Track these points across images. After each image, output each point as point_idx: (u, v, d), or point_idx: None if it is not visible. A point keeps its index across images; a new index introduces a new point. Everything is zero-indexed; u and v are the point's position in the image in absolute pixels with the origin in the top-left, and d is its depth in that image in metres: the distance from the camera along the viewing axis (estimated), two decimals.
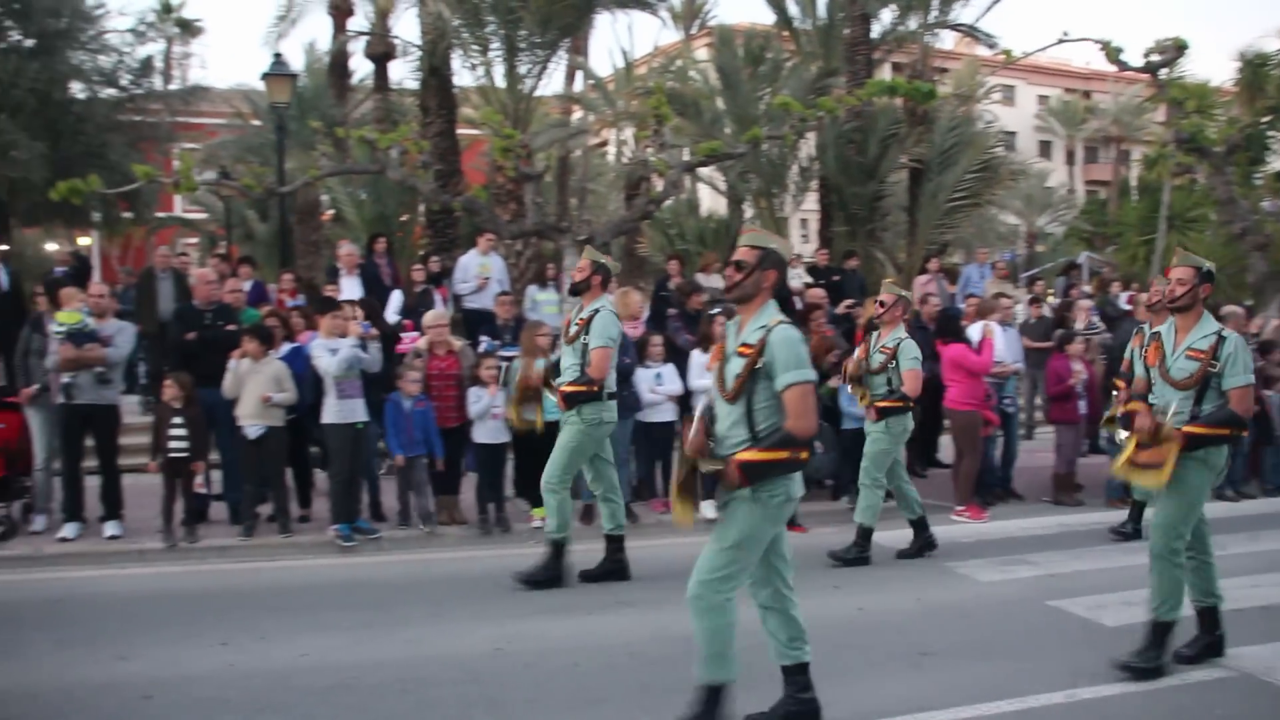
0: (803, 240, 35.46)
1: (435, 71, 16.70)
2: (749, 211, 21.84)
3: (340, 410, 8.12)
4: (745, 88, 20.69)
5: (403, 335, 10.43)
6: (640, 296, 10.40)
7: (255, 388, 8.24)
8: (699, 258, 14.95)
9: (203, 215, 30.40)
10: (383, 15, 20.64)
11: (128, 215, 23.07)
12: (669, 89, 16.78)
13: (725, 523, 4.48)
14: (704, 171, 18.33)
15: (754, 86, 20.92)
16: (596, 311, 7.22)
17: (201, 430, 8.36)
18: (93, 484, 8.65)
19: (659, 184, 10.59)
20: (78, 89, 19.59)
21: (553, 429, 7.59)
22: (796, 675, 4.66)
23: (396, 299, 11.56)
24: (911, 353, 8.11)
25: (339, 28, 21.55)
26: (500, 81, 16.23)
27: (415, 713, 4.98)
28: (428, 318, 9.34)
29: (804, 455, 4.41)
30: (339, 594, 7.21)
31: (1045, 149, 57.40)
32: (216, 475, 9.18)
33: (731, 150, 12.31)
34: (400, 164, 9.70)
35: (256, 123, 25.86)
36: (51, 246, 27.76)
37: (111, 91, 20.08)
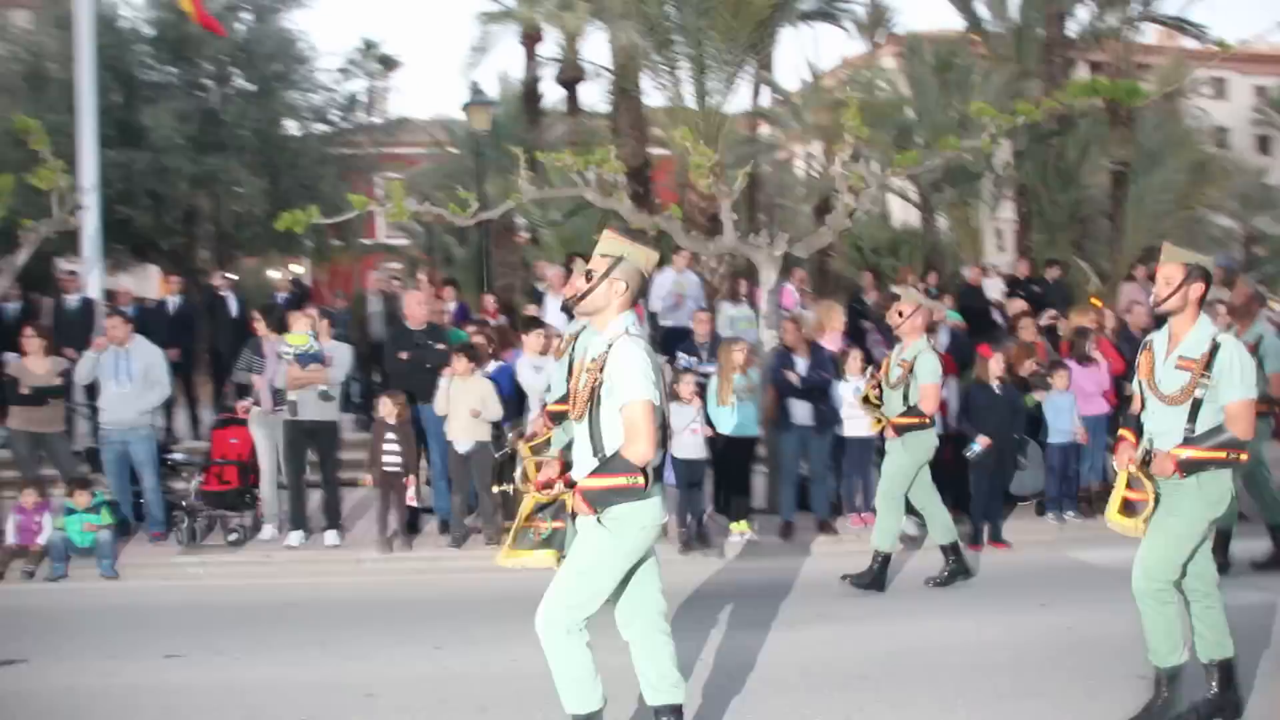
0: (999, 250, 34.45)
1: (625, 93, 17.03)
2: (943, 222, 21.39)
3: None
4: (935, 95, 20.32)
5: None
6: (841, 311, 10.34)
7: (464, 404, 8.58)
8: (894, 270, 14.76)
9: (405, 241, 31.72)
10: (572, 41, 21.16)
11: (337, 243, 24.34)
12: (858, 100, 16.63)
13: (576, 547, 4.12)
14: (895, 183, 18.07)
15: (944, 94, 20.52)
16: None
17: (413, 445, 8.76)
18: (315, 496, 9.19)
19: (850, 198, 10.47)
20: (292, 126, 20.80)
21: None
22: (665, 717, 4.30)
23: None
24: (929, 366, 7.54)
25: (530, 55, 22.22)
26: (689, 100, 16.42)
27: None
28: None
29: (640, 481, 3.91)
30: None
31: (1264, 144, 53.90)
32: (427, 489, 9.62)
33: (923, 162, 12.10)
34: (596, 186, 9.93)
35: (454, 150, 26.90)
36: (273, 274, 29.56)
37: (322, 127, 21.22)
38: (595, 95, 35.11)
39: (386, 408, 8.71)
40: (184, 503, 9.09)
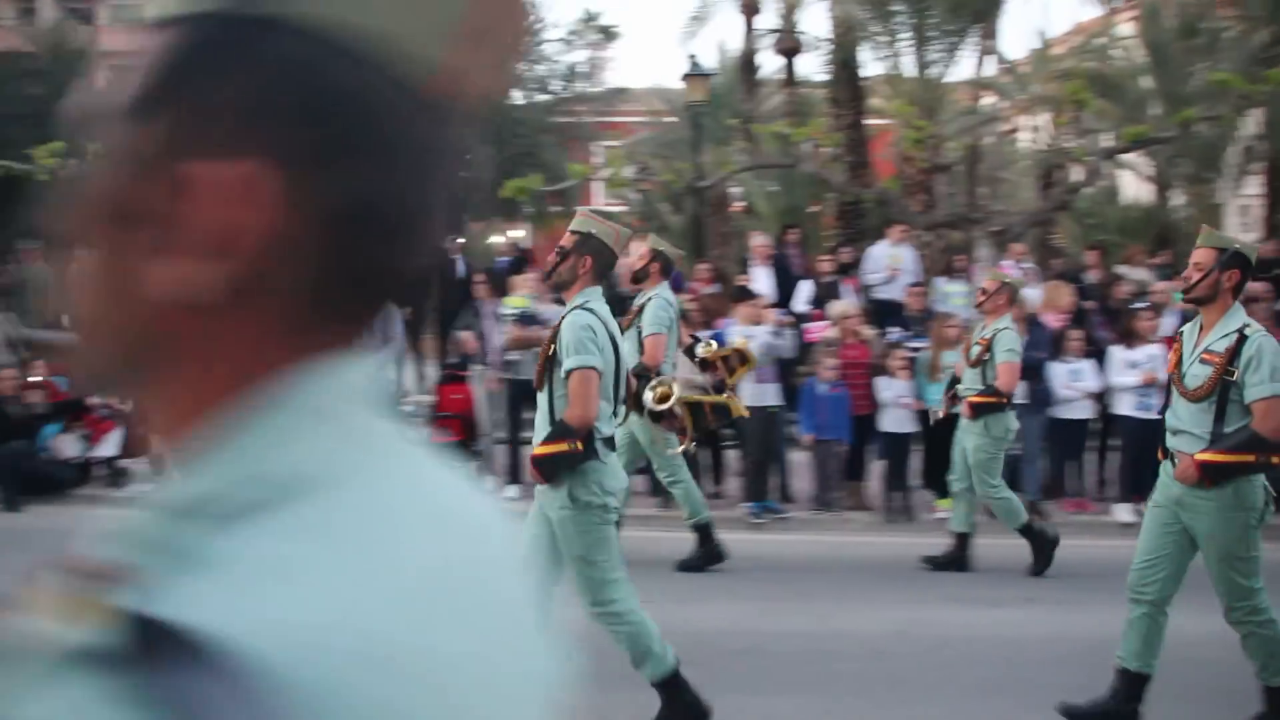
0: (1243, 229, 32.31)
1: (844, 65, 16.86)
2: (1179, 199, 20.24)
3: (755, 394, 8.49)
4: (1176, 63, 19.16)
5: (811, 325, 10.71)
6: (1069, 290, 10.03)
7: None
8: (1120, 249, 14.14)
9: (621, 208, 32.37)
10: (791, 11, 21.04)
11: (555, 209, 25.10)
12: (1089, 69, 15.93)
13: (561, 537, 4.27)
14: (1127, 157, 17.23)
15: (1186, 62, 19.31)
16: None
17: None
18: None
19: (1077, 172, 10.13)
20: (517, 96, 21.53)
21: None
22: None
23: (806, 289, 11.86)
24: (1007, 344, 7.09)
25: (748, 26, 22.21)
26: (909, 71, 16.15)
27: (820, 682, 5.22)
28: (837, 310, 9.55)
29: (578, 446, 4.02)
30: (748, 567, 7.59)
31: None
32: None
33: (1160, 134, 11.52)
34: (812, 157, 9.96)
35: (670, 119, 27.19)
36: (495, 239, 30.74)
37: (544, 97, 21.89)
38: (813, 66, 34.79)
39: None
40: None
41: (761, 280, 11.42)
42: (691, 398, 6.57)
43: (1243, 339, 4.28)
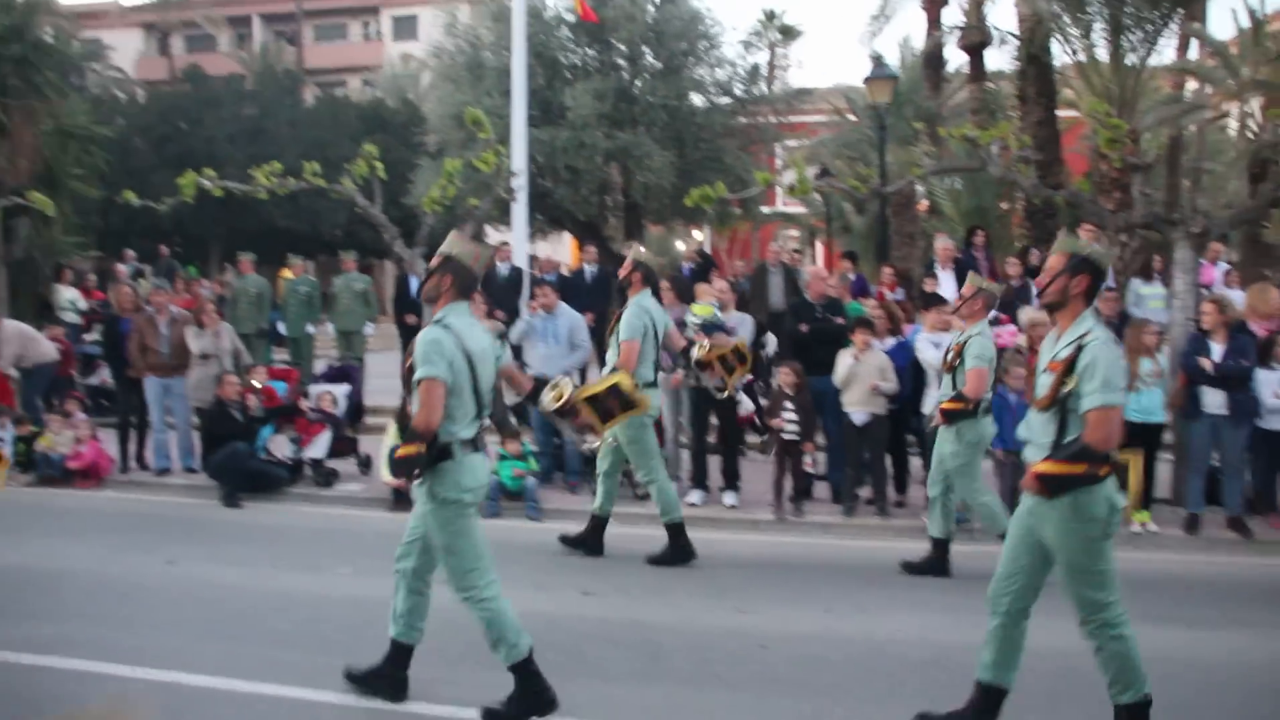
0: None
1: (1033, 59, 16.39)
2: None
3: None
4: None
5: (998, 330, 10.50)
6: (1277, 293, 9.54)
7: (863, 377, 8.81)
8: None
9: (802, 210, 32.17)
10: (977, 6, 20.55)
11: (737, 211, 25.18)
12: None
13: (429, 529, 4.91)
14: None
15: None
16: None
17: (810, 415, 9.11)
18: (714, 458, 9.78)
19: None
20: (698, 100, 21.70)
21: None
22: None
23: None
24: (976, 350, 7.17)
25: (932, 21, 21.80)
26: (1103, 61, 15.54)
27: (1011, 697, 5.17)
28: (1027, 317, 9.34)
29: (423, 449, 4.55)
30: (932, 577, 7.54)
31: None
32: (821, 457, 9.95)
33: None
34: (1000, 159, 9.75)
35: (852, 118, 26.90)
36: (679, 244, 31.10)
37: (725, 100, 21.97)
38: (1001, 60, 33.79)
39: (786, 377, 9.11)
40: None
41: (947, 284, 11.25)
42: (588, 391, 6.72)
43: (1080, 348, 4.22)
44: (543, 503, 9.44)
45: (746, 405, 10.47)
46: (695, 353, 8.08)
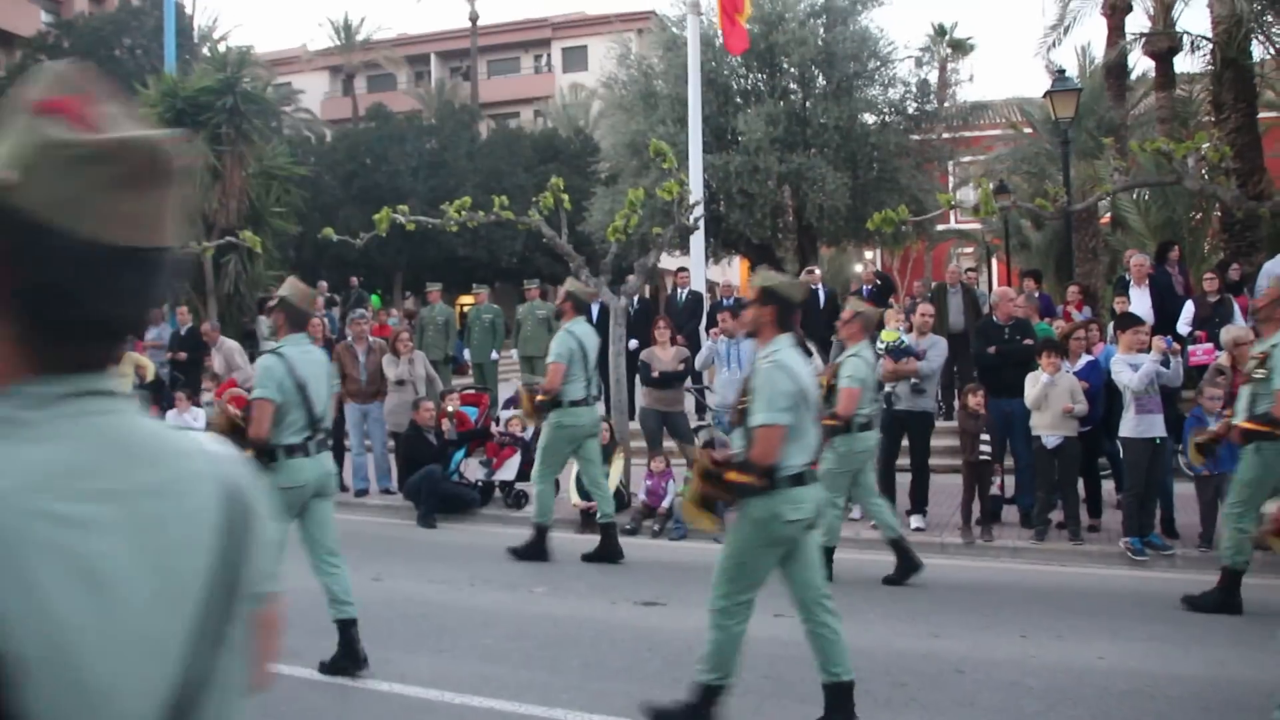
0: None
1: (1230, 62, 15.69)
2: None
3: (1139, 425, 8.14)
4: None
5: (1195, 348, 10.12)
6: None
7: (1054, 399, 8.64)
8: None
9: (977, 226, 31.52)
10: (1165, 10, 19.81)
11: (910, 231, 24.87)
12: None
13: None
14: None
15: None
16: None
17: (998, 437, 8.97)
18: (902, 480, 9.72)
19: None
20: (870, 120, 21.57)
21: None
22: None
23: (1188, 310, 11.19)
24: (848, 370, 7.71)
25: (1114, 28, 21.07)
26: None
27: None
28: (1230, 335, 8.98)
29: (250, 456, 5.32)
30: (1130, 604, 7.33)
31: None
32: (1009, 479, 9.77)
33: None
34: (1195, 172, 9.42)
35: (1029, 131, 26.24)
36: (856, 267, 30.87)
37: (898, 119, 21.77)
38: (1190, 64, 32.42)
39: (975, 399, 9.00)
40: None
41: (1140, 302, 10.90)
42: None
43: (754, 370, 4.73)
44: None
45: None
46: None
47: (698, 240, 14.28)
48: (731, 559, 4.92)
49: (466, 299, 29.00)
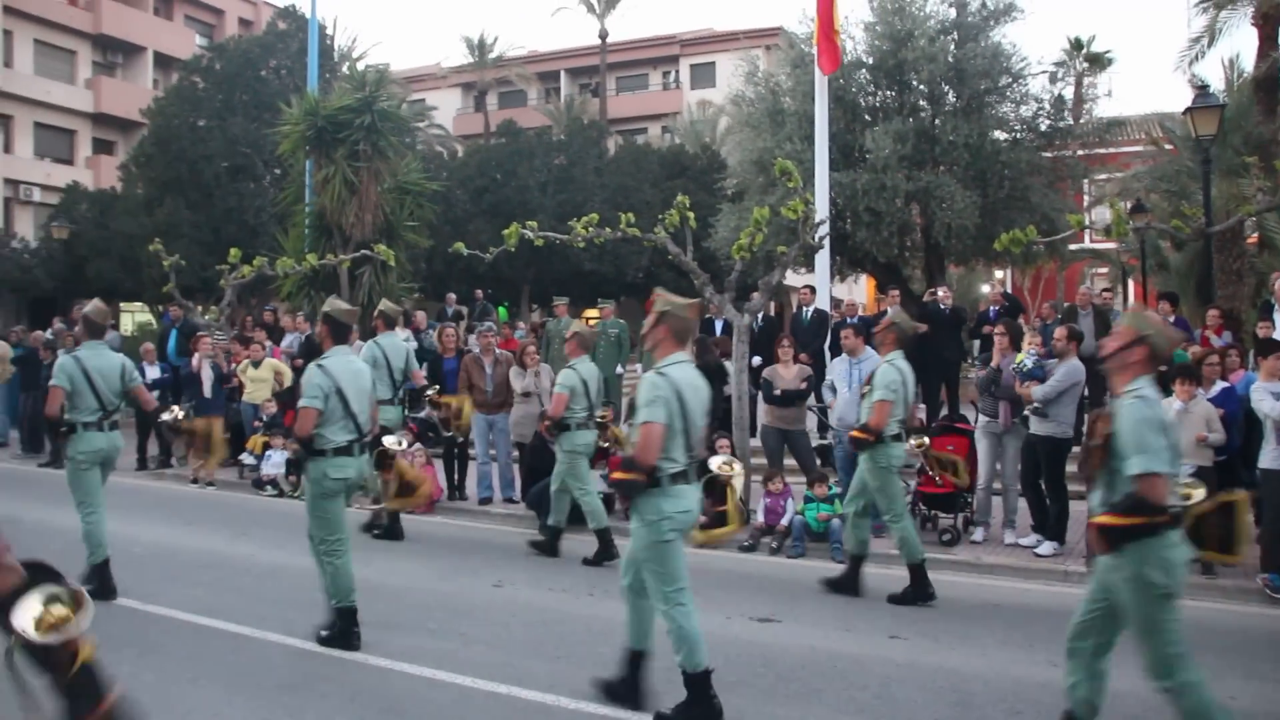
0: None
1: None
2: None
3: (1278, 456, 7.87)
4: None
5: None
6: None
7: (1188, 427, 8.38)
8: None
9: (1112, 246, 30.58)
10: None
11: (1041, 250, 24.25)
12: None
13: None
14: None
15: None
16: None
17: None
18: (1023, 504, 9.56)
19: None
20: (1001, 138, 21.13)
21: None
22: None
23: None
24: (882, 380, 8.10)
25: (1265, 39, 20.25)
26: None
27: None
28: None
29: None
30: (1267, 643, 7.08)
31: None
32: None
33: None
34: None
35: (1169, 148, 25.37)
36: (983, 287, 30.24)
37: (1030, 136, 21.28)
38: None
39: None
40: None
41: None
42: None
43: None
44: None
45: None
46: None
47: (823, 258, 14.22)
48: (641, 554, 5.44)
49: (592, 313, 29.45)
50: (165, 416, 8.70)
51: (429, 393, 11.22)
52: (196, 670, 6.19)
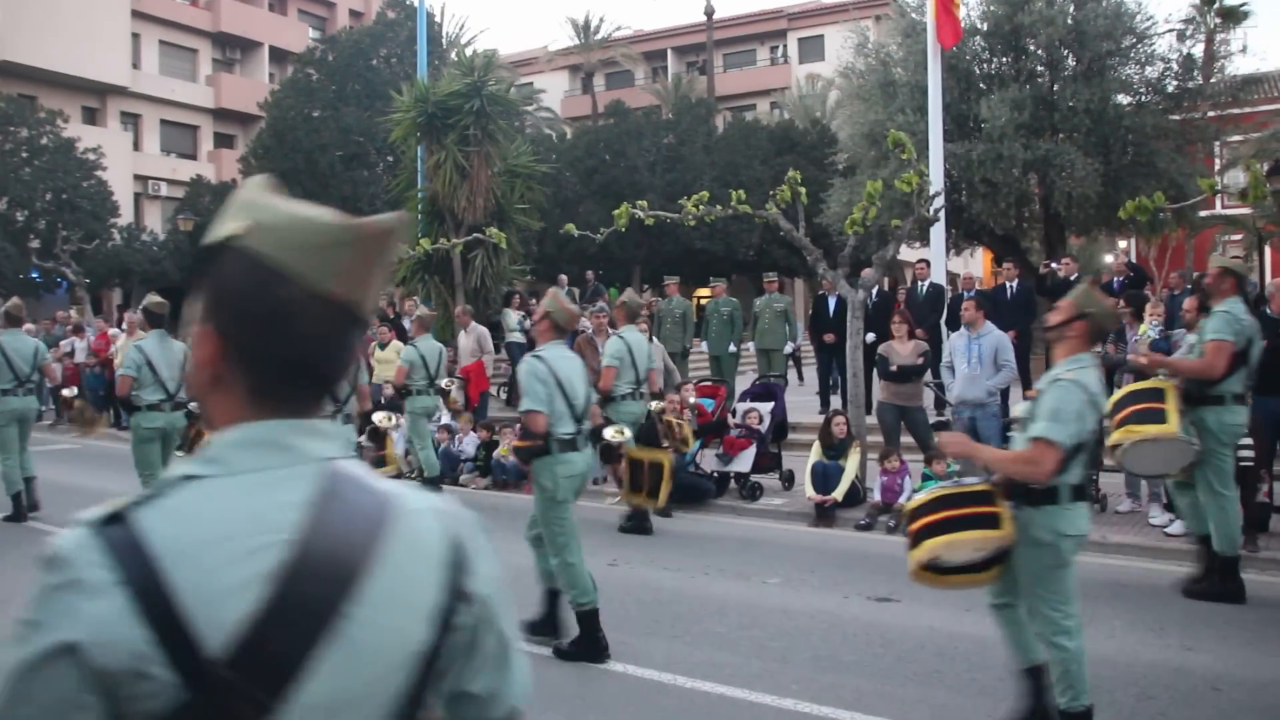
0: None
1: None
2: None
3: None
4: None
5: None
6: None
7: None
8: None
9: (1246, 211, 29.25)
10: None
11: (1168, 218, 23.32)
12: None
13: None
14: None
15: None
16: None
17: (1264, 439, 8.35)
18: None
19: None
20: (1125, 101, 20.36)
21: None
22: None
23: None
24: None
25: None
26: None
27: None
28: None
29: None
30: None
31: None
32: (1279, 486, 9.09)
33: None
34: None
35: None
36: (1105, 258, 29.25)
37: (1156, 99, 20.47)
38: None
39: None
40: None
41: None
42: (636, 453, 9.17)
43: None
44: None
45: None
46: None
47: (938, 232, 13.92)
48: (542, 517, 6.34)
49: (704, 292, 29.37)
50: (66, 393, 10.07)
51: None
52: None
